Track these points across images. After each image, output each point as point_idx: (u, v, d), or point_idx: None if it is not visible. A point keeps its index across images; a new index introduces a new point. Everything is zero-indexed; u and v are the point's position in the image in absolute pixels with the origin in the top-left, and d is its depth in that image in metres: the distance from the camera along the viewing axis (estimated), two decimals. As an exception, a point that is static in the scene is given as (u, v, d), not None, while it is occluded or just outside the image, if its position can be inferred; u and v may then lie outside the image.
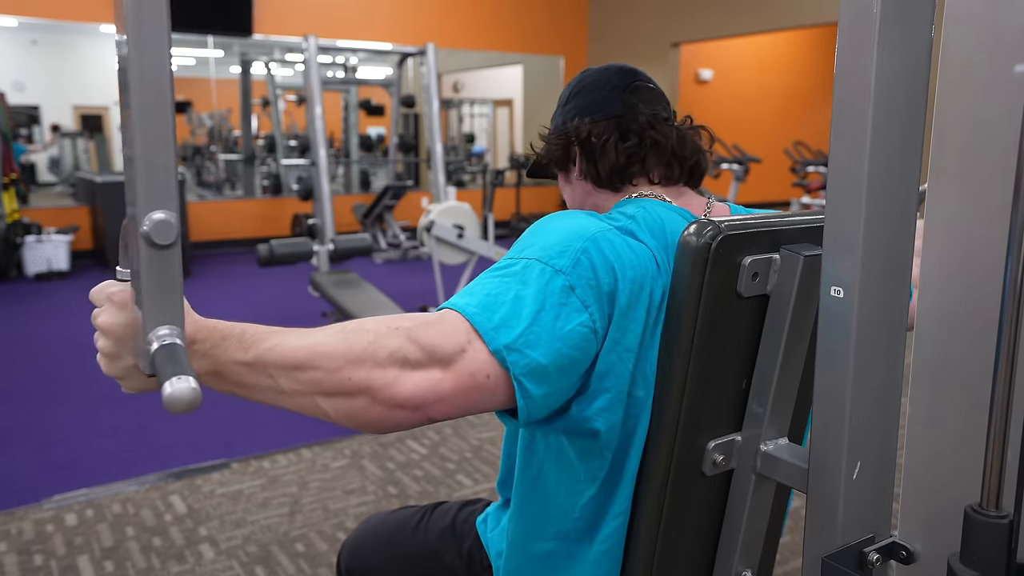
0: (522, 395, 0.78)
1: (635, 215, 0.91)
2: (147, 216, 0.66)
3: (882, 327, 0.73)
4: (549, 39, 9.50)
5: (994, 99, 0.62)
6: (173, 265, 0.67)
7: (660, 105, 1.05)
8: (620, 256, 0.83)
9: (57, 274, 6.44)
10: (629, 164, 1.00)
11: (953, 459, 0.68)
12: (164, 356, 0.66)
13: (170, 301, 0.68)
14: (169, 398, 0.62)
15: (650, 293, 0.85)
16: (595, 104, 1.03)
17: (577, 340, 0.79)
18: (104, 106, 11.41)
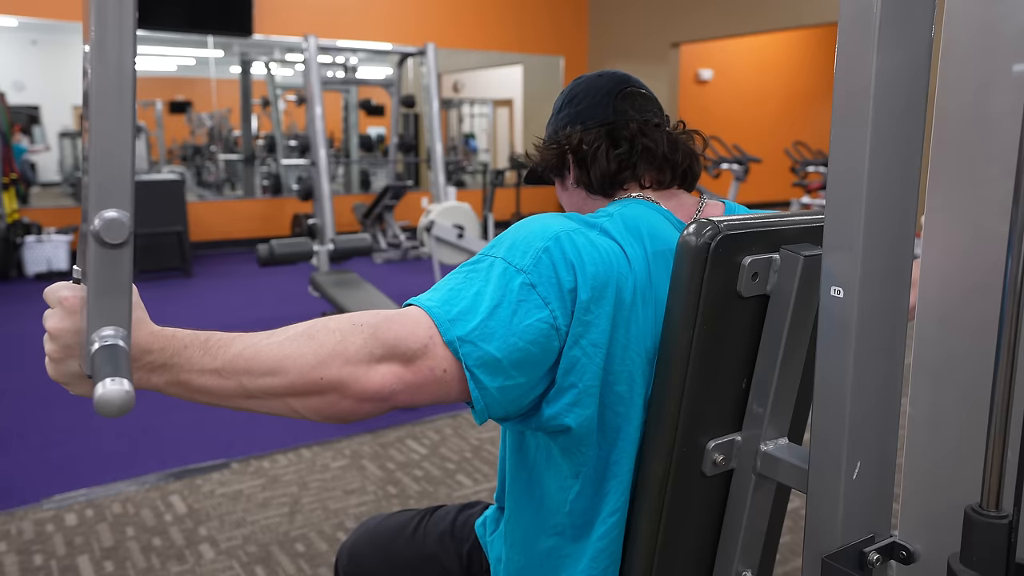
0: (476, 386, 0.80)
1: (612, 212, 0.93)
2: (98, 214, 0.64)
3: (882, 327, 0.73)
4: (549, 39, 9.50)
5: (994, 99, 0.62)
6: (123, 266, 0.66)
7: (651, 111, 1.05)
8: (581, 254, 0.85)
9: (57, 274, 6.43)
10: (620, 170, 1.02)
11: (953, 459, 0.68)
12: (103, 357, 0.64)
13: (116, 302, 0.67)
14: (99, 400, 0.60)
15: (617, 290, 0.85)
16: (587, 112, 1.04)
17: (535, 335, 0.81)
18: (104, 106, 11.39)
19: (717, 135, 8.55)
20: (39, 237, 6.44)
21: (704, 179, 9.25)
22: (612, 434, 0.91)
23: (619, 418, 0.90)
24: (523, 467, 1.00)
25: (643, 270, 0.88)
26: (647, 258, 0.89)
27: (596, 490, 0.93)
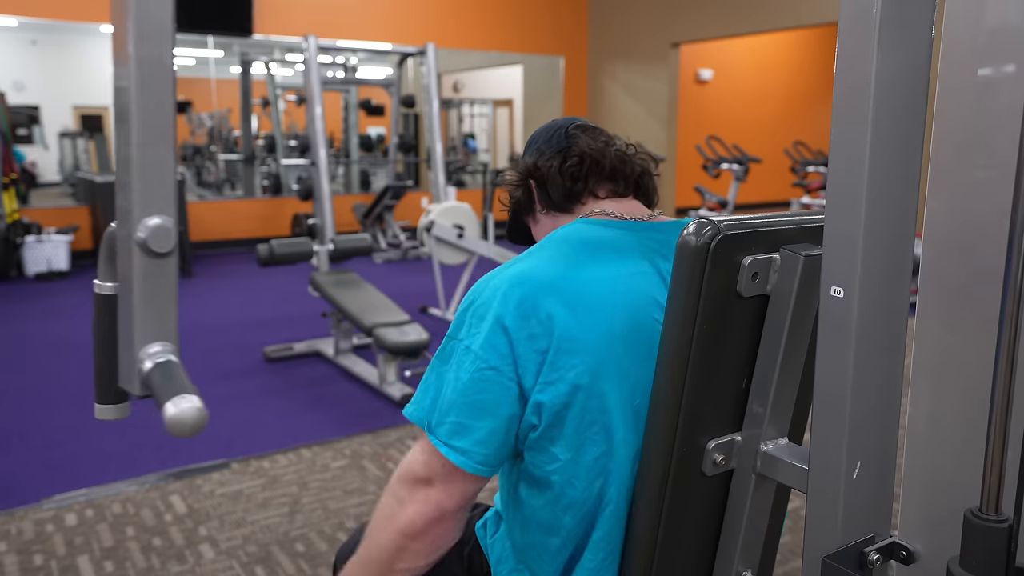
0: (452, 451, 0.92)
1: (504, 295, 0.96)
2: (143, 221, 0.62)
3: (882, 327, 0.73)
4: (549, 39, 9.50)
5: (994, 99, 0.62)
6: (169, 275, 0.63)
7: (601, 137, 1.14)
8: (498, 309, 0.92)
9: (57, 274, 6.43)
10: (574, 182, 1.09)
11: (953, 459, 0.68)
12: (161, 375, 0.61)
13: (164, 315, 0.64)
14: (172, 420, 0.58)
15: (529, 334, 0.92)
16: (543, 145, 1.14)
17: (480, 386, 0.91)
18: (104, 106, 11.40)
19: (717, 135, 8.55)
20: (39, 237, 6.44)
21: (704, 179, 9.25)
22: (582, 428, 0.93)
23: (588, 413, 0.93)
24: (510, 475, 1.04)
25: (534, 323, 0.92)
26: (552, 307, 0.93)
27: (581, 484, 0.96)
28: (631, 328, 0.93)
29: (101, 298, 0.71)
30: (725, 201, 7.63)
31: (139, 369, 0.63)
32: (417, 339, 3.45)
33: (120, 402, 0.74)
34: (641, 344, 0.93)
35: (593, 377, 0.91)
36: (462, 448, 0.92)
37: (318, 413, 3.44)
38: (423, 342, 3.47)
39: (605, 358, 0.92)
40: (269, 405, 3.54)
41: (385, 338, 3.43)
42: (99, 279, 0.72)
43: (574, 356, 0.90)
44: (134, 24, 0.60)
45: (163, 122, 0.62)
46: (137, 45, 0.61)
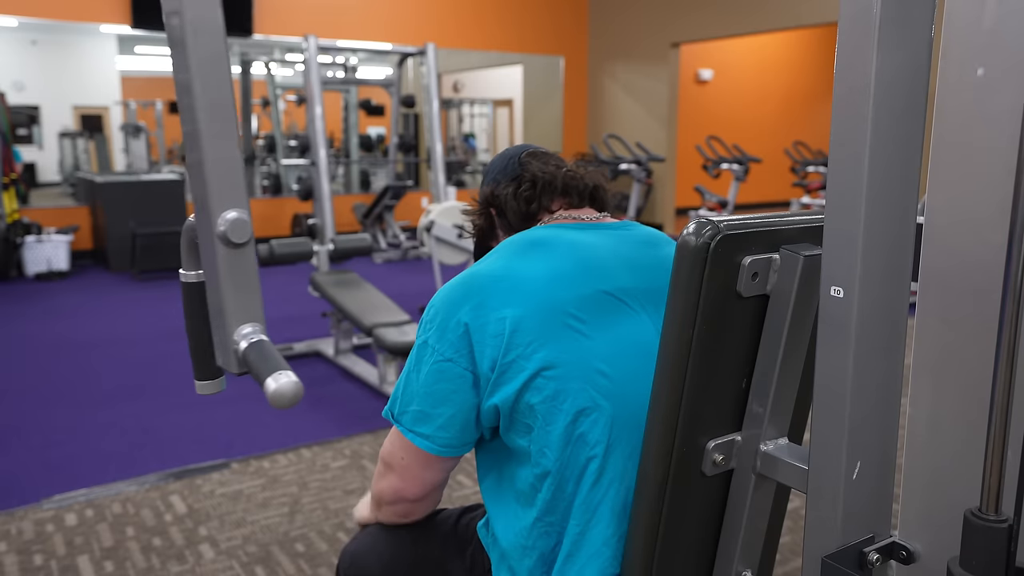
0: (416, 436, 1.02)
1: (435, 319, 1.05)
2: (221, 216, 0.66)
3: (882, 327, 0.73)
4: (549, 39, 9.50)
5: (994, 99, 0.62)
6: (250, 262, 0.69)
7: (552, 162, 1.22)
8: (451, 307, 1.01)
9: (57, 274, 6.43)
10: (529, 205, 1.17)
11: (953, 459, 0.68)
12: (257, 354, 0.68)
13: (250, 298, 0.71)
14: (275, 394, 0.64)
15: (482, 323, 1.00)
16: (500, 174, 1.23)
17: (438, 376, 1.00)
18: (104, 106, 11.41)
19: (717, 135, 8.55)
20: (39, 237, 6.44)
21: (704, 179, 9.26)
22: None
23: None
24: (492, 462, 1.10)
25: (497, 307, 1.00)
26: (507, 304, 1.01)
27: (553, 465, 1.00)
28: (581, 298, 1.00)
29: (188, 286, 0.78)
30: (725, 201, 7.63)
31: (235, 349, 0.70)
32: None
33: (217, 377, 0.83)
34: (594, 311, 1.00)
35: (546, 358, 0.97)
36: (425, 433, 1.02)
37: (318, 413, 3.44)
38: (423, 342, 3.46)
39: (555, 335, 0.98)
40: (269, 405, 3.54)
41: (385, 338, 3.44)
42: (183, 269, 0.79)
43: (523, 341, 0.97)
44: (190, 27, 0.64)
45: (228, 121, 0.67)
46: (195, 47, 0.65)
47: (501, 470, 1.07)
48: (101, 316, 5.28)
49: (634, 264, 1.07)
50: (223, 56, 0.66)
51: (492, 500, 1.09)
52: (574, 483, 0.99)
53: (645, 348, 1.01)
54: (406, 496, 1.10)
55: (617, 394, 0.99)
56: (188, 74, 0.65)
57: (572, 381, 0.97)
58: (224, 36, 0.66)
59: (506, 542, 1.06)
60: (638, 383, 0.99)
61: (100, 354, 4.35)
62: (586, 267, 1.03)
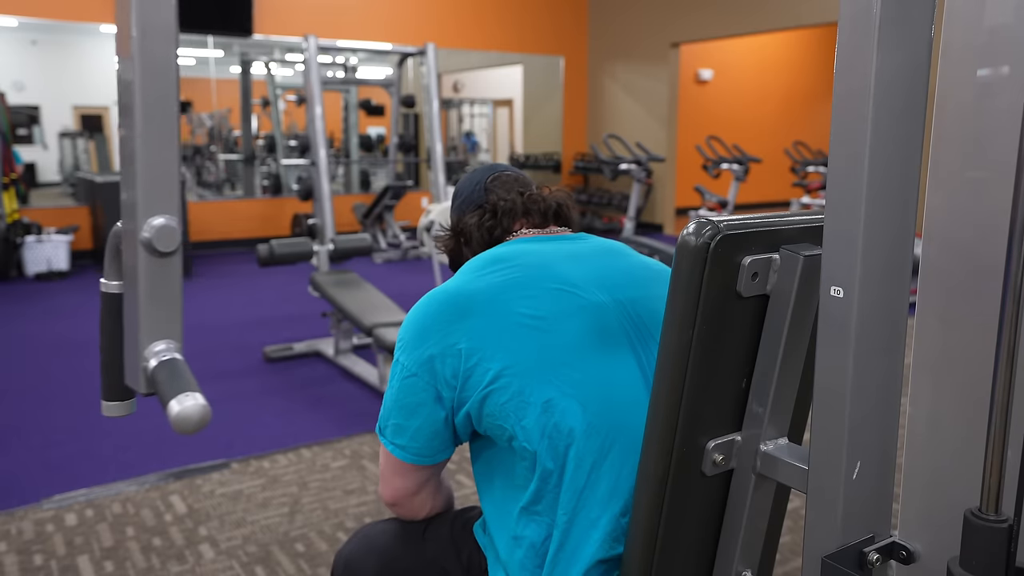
0: (395, 448, 1.10)
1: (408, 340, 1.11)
2: (148, 221, 0.62)
3: (882, 327, 0.73)
4: (549, 39, 9.50)
5: (994, 99, 0.62)
6: (174, 274, 0.64)
7: (515, 184, 1.26)
8: (416, 335, 1.07)
9: (57, 274, 6.43)
10: (491, 233, 1.22)
11: (953, 459, 0.68)
12: (167, 373, 0.62)
13: (168, 313, 0.65)
14: (178, 417, 0.59)
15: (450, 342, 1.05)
16: (466, 201, 1.27)
17: (407, 390, 1.07)
18: (104, 106, 11.41)
19: (717, 135, 8.54)
20: (39, 237, 6.44)
21: (704, 179, 9.25)
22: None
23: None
24: (482, 455, 1.13)
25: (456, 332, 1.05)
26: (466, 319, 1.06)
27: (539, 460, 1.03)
28: (534, 297, 1.05)
29: (107, 296, 0.72)
30: (725, 201, 7.63)
31: (144, 367, 0.64)
32: (417, 339, 3.45)
33: (126, 399, 0.76)
34: (549, 307, 1.04)
35: (504, 358, 1.01)
36: (401, 444, 1.10)
37: (318, 413, 3.44)
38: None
39: (512, 335, 1.02)
40: (269, 405, 3.54)
41: (385, 338, 3.43)
42: (105, 278, 0.73)
43: (480, 346, 1.02)
44: (138, 21, 0.61)
45: (167, 122, 0.63)
46: (141, 42, 0.61)
47: (491, 461, 1.10)
48: (101, 316, 5.28)
49: (587, 264, 1.12)
50: (171, 59, 0.62)
51: (484, 490, 1.12)
52: (558, 474, 1.02)
53: (612, 339, 1.05)
54: (396, 498, 1.18)
55: (585, 382, 1.02)
56: (132, 68, 0.61)
57: (535, 374, 1.01)
58: (175, 39, 0.62)
59: (497, 534, 1.08)
60: (611, 371, 1.03)
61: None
62: (543, 274, 1.08)
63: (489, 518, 1.11)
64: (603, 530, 1.02)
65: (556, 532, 1.03)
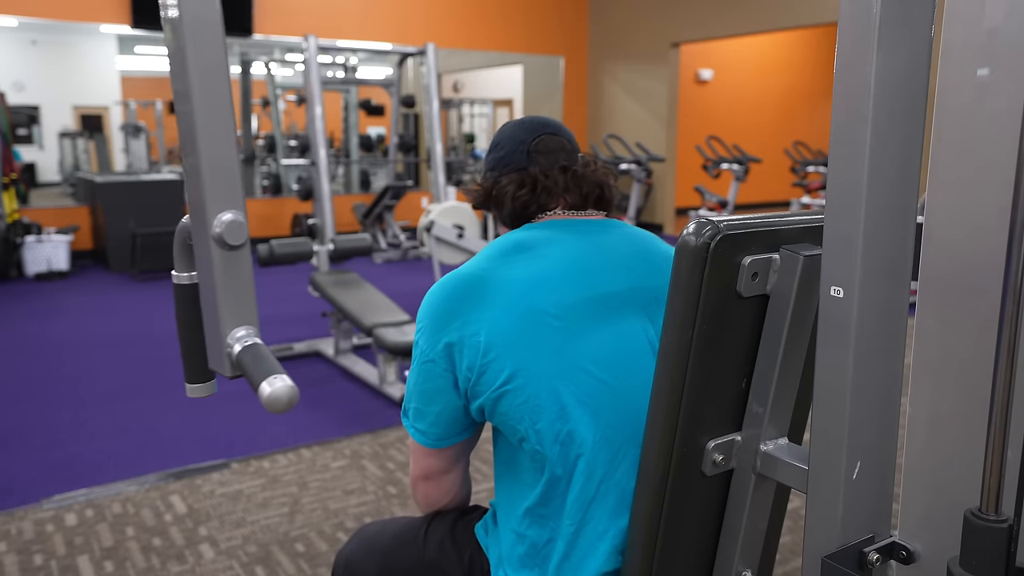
0: (416, 432, 1.10)
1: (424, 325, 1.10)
2: (217, 217, 0.66)
3: (882, 327, 0.73)
4: (549, 39, 9.50)
5: (994, 99, 0.62)
6: (245, 265, 0.69)
7: (562, 154, 1.19)
8: (437, 315, 1.06)
9: (57, 274, 6.43)
10: (524, 208, 1.16)
11: (953, 459, 0.68)
12: (251, 357, 0.67)
13: (244, 301, 0.69)
14: (270, 398, 0.63)
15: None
16: (505, 158, 1.19)
17: (425, 376, 1.05)
18: (104, 106, 11.41)
19: (717, 135, 8.55)
20: (39, 237, 6.44)
21: (704, 179, 9.26)
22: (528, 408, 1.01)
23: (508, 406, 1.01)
24: (498, 452, 1.12)
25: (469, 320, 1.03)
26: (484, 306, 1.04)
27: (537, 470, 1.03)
28: (563, 303, 1.01)
29: (181, 288, 0.77)
30: (725, 201, 7.63)
31: (228, 352, 0.69)
32: (417, 339, 3.45)
33: (208, 380, 0.81)
34: (576, 314, 1.01)
35: (522, 358, 0.99)
36: (422, 429, 1.09)
37: (318, 413, 3.44)
38: (423, 342, 3.47)
39: (533, 336, 0.99)
40: (269, 405, 3.54)
41: (385, 338, 3.43)
42: (176, 270, 0.78)
43: (500, 343, 0.99)
44: (188, 25, 0.63)
45: (226, 123, 0.67)
46: (194, 46, 0.64)
47: (503, 453, 1.10)
48: (101, 316, 5.28)
49: (621, 265, 1.09)
50: (222, 56, 0.65)
51: (498, 475, 1.13)
52: (566, 481, 1.01)
53: (634, 349, 1.02)
54: (418, 475, 1.17)
55: (605, 393, 1.00)
56: (186, 73, 0.64)
57: (552, 378, 0.99)
58: (223, 36, 0.65)
59: (504, 524, 1.09)
60: (630, 382, 1.01)
61: (100, 354, 4.35)
62: (569, 272, 1.05)
63: (499, 505, 1.12)
64: (610, 543, 1.01)
65: (561, 542, 1.02)
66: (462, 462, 1.17)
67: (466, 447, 1.14)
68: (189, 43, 0.64)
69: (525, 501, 1.05)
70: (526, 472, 1.05)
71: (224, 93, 0.66)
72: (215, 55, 0.65)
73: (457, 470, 1.17)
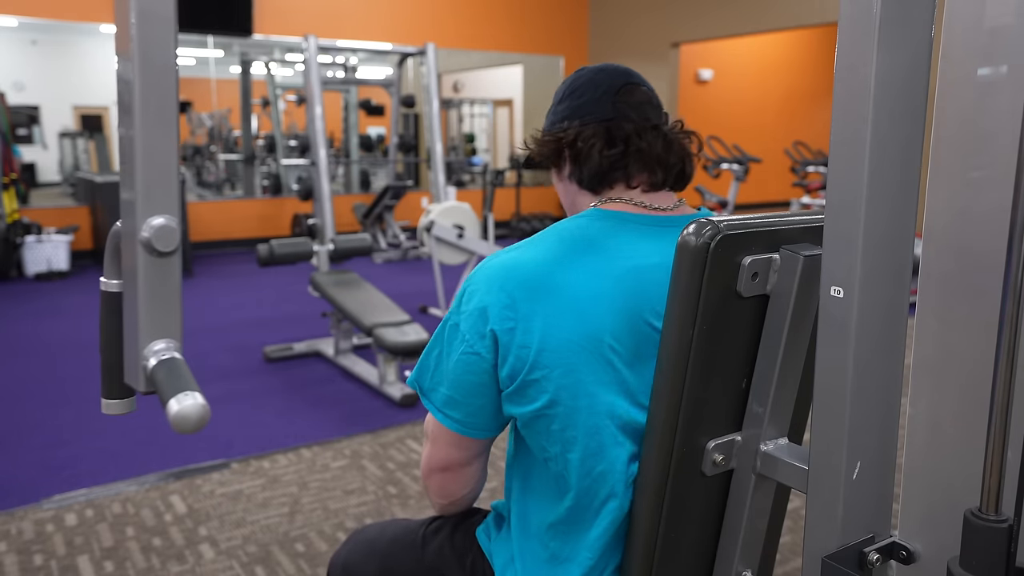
0: (446, 419, 0.99)
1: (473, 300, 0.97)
2: (146, 222, 0.62)
3: (882, 327, 0.73)
4: (549, 39, 9.50)
5: (994, 99, 0.62)
6: (173, 274, 0.65)
7: (651, 109, 1.06)
8: (487, 302, 0.94)
9: (57, 274, 6.43)
10: (612, 170, 1.03)
11: (953, 459, 0.68)
12: (165, 372, 0.63)
13: (168, 312, 0.65)
14: (177, 416, 0.59)
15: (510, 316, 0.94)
16: (587, 107, 1.05)
17: (466, 367, 0.95)
18: (104, 106, 11.41)
19: (717, 135, 8.54)
20: (39, 237, 6.44)
21: (704, 179, 9.25)
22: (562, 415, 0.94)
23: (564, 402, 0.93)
24: (524, 457, 1.05)
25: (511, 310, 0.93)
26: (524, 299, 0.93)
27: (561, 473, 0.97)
28: (619, 327, 0.92)
29: (107, 295, 0.72)
30: (725, 201, 7.63)
31: (144, 366, 0.64)
32: (417, 339, 3.45)
33: (126, 397, 0.76)
34: (631, 341, 0.92)
35: (570, 385, 0.91)
36: (456, 418, 0.99)
37: (318, 413, 3.44)
38: (423, 342, 3.47)
39: (585, 363, 0.91)
40: (269, 405, 3.54)
41: (385, 338, 3.44)
42: (104, 276, 0.73)
43: (549, 363, 0.91)
44: (137, 18, 0.60)
45: (167, 122, 0.63)
46: (140, 38, 0.61)
47: (527, 460, 1.03)
48: (101, 316, 5.28)
49: None
50: (171, 56, 0.62)
51: (516, 482, 1.06)
52: (592, 515, 0.96)
53: None
54: (435, 464, 1.06)
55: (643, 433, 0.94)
56: (131, 66, 0.61)
57: (594, 417, 0.92)
58: (174, 36, 0.62)
59: (524, 534, 1.03)
60: None
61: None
62: (632, 289, 0.93)
63: (516, 512, 1.05)
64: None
65: (577, 569, 0.98)
66: (486, 454, 1.08)
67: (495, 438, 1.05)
68: (138, 33, 0.60)
69: (549, 516, 0.99)
70: (549, 486, 0.99)
71: (170, 91, 0.62)
72: (164, 51, 0.61)
73: (479, 462, 1.08)
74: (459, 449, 1.03)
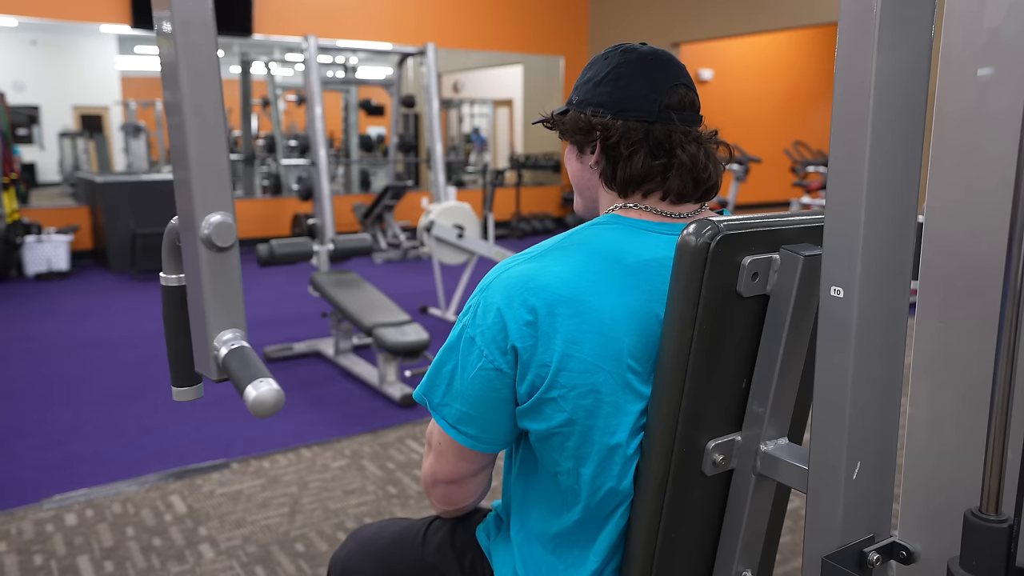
0: (460, 435, 0.97)
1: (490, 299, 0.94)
2: (205, 219, 0.65)
3: (882, 327, 0.73)
4: (549, 39, 9.50)
5: (994, 99, 0.62)
6: (233, 267, 0.68)
7: (692, 114, 1.02)
8: (507, 314, 0.91)
9: (57, 274, 6.43)
10: (648, 179, 0.99)
11: (953, 459, 0.68)
12: (238, 360, 0.66)
13: (232, 304, 0.68)
14: (255, 402, 0.62)
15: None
16: (630, 101, 0.98)
17: (485, 384, 0.93)
18: (104, 106, 11.40)
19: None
20: (39, 237, 6.44)
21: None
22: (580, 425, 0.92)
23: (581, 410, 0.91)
24: (529, 466, 1.03)
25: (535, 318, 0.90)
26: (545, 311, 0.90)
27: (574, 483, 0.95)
28: (639, 346, 0.90)
29: (168, 290, 0.76)
30: (725, 201, 7.62)
31: (215, 356, 0.67)
32: (417, 339, 3.45)
33: (195, 384, 0.80)
34: (649, 358, 0.91)
35: (588, 406, 0.90)
36: (470, 433, 0.96)
37: (318, 413, 3.44)
38: (423, 342, 3.47)
39: (604, 384, 0.89)
40: (269, 405, 3.54)
41: (385, 338, 3.44)
42: (164, 272, 0.76)
43: (569, 383, 0.89)
44: (180, 26, 0.63)
45: (216, 123, 0.65)
46: (184, 46, 0.63)
47: (534, 470, 1.02)
48: (101, 316, 5.28)
49: None
50: (212, 54, 0.65)
51: (519, 490, 1.05)
52: (600, 522, 0.96)
53: None
54: (441, 477, 1.04)
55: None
56: (177, 73, 0.64)
57: (611, 437, 0.91)
58: (214, 33, 0.65)
59: (526, 541, 1.03)
60: None
61: (100, 354, 4.35)
62: (645, 292, 0.91)
63: (516, 520, 1.05)
64: None
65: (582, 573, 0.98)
66: (492, 464, 1.06)
67: None
68: (181, 37, 0.63)
69: (554, 526, 0.99)
70: (555, 497, 0.98)
71: (215, 93, 0.65)
72: (207, 58, 0.64)
73: (486, 472, 1.07)
74: (468, 462, 1.02)
